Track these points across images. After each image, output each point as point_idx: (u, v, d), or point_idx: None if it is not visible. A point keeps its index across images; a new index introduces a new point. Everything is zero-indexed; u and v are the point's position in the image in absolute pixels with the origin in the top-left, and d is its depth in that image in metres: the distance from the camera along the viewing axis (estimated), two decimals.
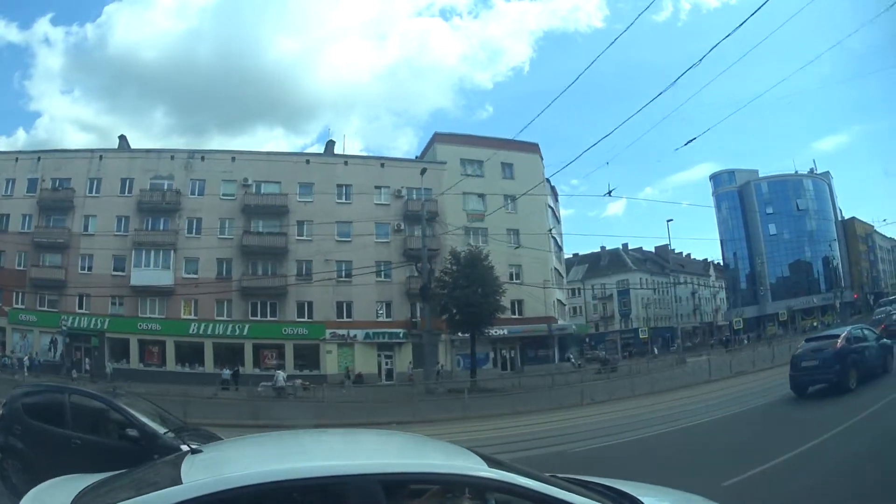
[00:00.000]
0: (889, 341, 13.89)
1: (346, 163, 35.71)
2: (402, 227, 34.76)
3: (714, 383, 19.57)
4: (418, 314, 32.97)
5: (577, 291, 60.45)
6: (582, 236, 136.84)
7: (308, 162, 35.65)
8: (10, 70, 76.28)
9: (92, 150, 36.16)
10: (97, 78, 79.14)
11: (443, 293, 28.03)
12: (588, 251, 63.36)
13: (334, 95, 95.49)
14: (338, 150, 38.44)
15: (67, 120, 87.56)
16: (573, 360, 38.97)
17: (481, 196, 37.59)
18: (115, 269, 33.92)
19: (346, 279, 33.61)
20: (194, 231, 34.13)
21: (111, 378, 28.77)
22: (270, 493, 2.09)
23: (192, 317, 33.47)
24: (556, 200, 47.28)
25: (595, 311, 60.41)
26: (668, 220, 41.58)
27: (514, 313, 37.06)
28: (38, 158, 35.88)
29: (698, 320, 63.18)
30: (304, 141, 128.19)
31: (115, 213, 34.37)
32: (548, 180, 44.31)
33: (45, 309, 33.89)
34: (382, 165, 36.35)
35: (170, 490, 2.06)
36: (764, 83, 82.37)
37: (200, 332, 33.20)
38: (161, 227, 34.23)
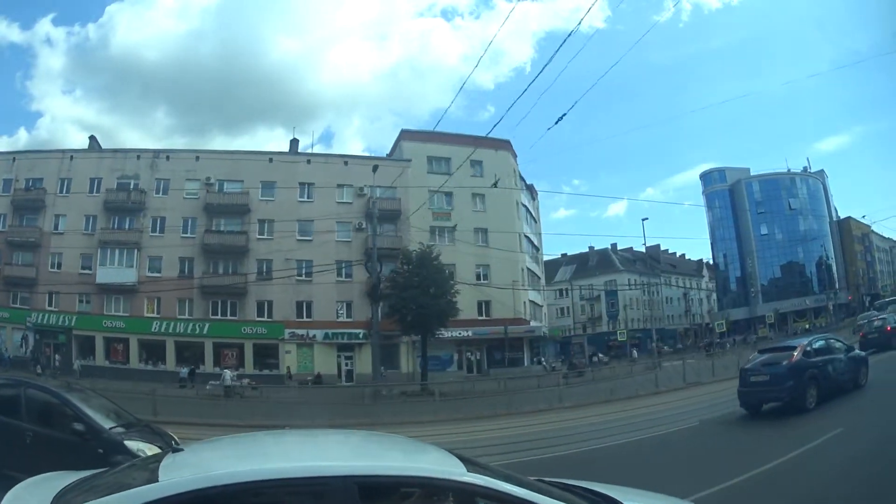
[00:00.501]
0: (863, 353, 12.75)
1: (308, 161, 35.56)
2: (364, 225, 34.39)
3: (660, 395, 18.48)
4: (379, 315, 32.59)
5: (564, 292, 59.44)
6: (583, 237, 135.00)
7: (271, 160, 35.58)
8: (11, 70, 77.03)
9: (63, 151, 36.74)
10: (99, 78, 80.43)
11: (393, 294, 27.58)
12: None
13: (336, 96, 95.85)
14: (312, 149, 38.46)
15: (69, 120, 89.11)
16: (545, 364, 38.15)
17: (448, 194, 36.99)
18: (82, 268, 34.37)
19: (307, 278, 33.42)
20: (158, 230, 34.37)
21: (79, 375, 29.24)
22: (245, 492, 2.11)
23: (155, 315, 33.69)
24: (534, 199, 46.40)
25: (583, 312, 59.24)
26: (644, 219, 40.14)
27: (480, 314, 36.47)
28: (14, 159, 36.58)
29: (690, 322, 61.45)
30: (306, 141, 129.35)
31: (83, 213, 34.81)
32: (523, 179, 43.64)
33: (17, 306, 34.53)
34: (346, 163, 36.07)
35: (145, 488, 2.09)
36: (765, 83, 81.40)
37: (162, 330, 33.39)
38: (126, 226, 34.56)
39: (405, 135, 38.03)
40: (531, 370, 34.80)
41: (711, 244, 58.92)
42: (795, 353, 10.38)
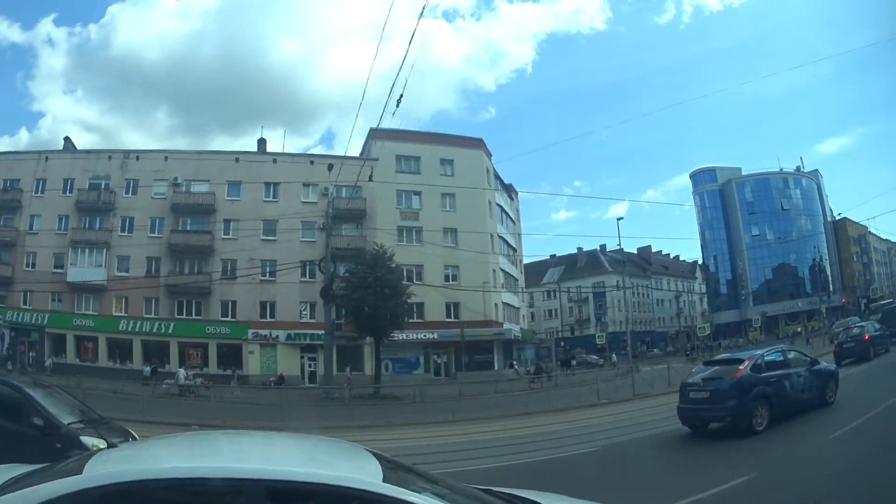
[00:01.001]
0: (831, 367, 11.33)
1: (274, 161, 35.47)
2: (328, 225, 34.17)
3: (597, 408, 17.47)
4: (343, 316, 32.30)
5: (552, 294, 58.53)
6: (586, 237, 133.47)
7: (237, 160, 35.57)
8: (13, 70, 77.36)
9: (39, 152, 37.34)
10: (100, 78, 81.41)
11: (346, 294, 27.23)
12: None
13: (337, 96, 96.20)
14: (278, 147, 38.32)
15: (70, 120, 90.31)
16: (516, 368, 37.43)
17: (417, 194, 36.63)
18: (55, 267, 34.79)
19: (271, 279, 33.31)
20: (127, 230, 34.67)
21: (51, 372, 29.75)
22: (156, 488, 2.23)
23: (123, 314, 33.97)
24: (513, 200, 45.66)
25: (571, 314, 58.21)
26: (619, 219, 39.22)
27: (448, 316, 35.98)
28: None
29: (681, 324, 59.87)
30: (307, 142, 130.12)
31: (56, 213, 35.25)
32: (499, 179, 42.94)
33: None
34: (312, 163, 35.88)
35: (67, 480, 2.24)
36: (769, 85, 79.85)
37: (129, 329, 33.65)
38: (97, 226, 34.96)
39: (374, 133, 37.52)
40: (501, 374, 34.14)
41: (702, 246, 57.46)
42: (741, 368, 9.15)
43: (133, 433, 7.03)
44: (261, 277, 33.21)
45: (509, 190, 45.05)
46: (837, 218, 54.51)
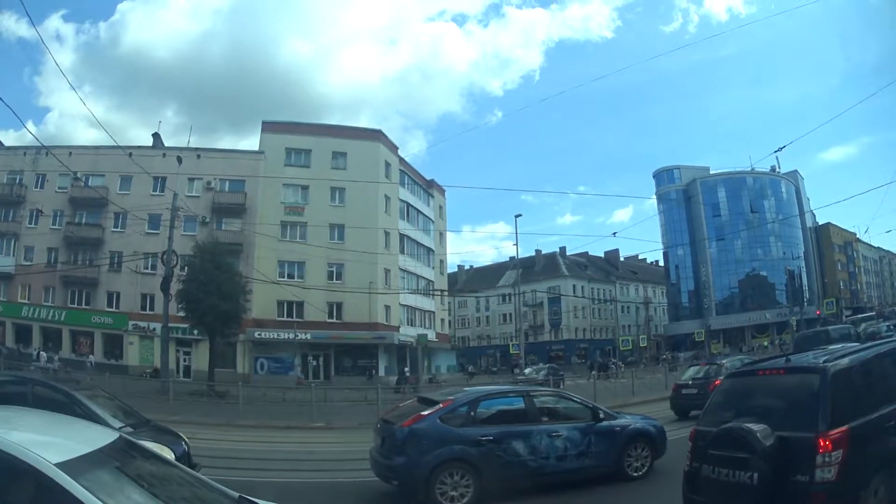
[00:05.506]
0: (640, 424, 7.52)
1: (164, 155, 35.74)
2: (208, 219, 33.98)
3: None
4: (171, 308, 31.27)
5: (507, 297, 55.36)
6: (584, 237, 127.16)
7: (130, 155, 36.11)
8: (20, 65, 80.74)
9: None
10: (108, 75, 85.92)
11: (183, 288, 26.67)
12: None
13: (344, 97, 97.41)
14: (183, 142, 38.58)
15: (77, 116, 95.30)
16: (408, 374, 35.39)
17: (305, 188, 35.53)
18: None
19: (151, 271, 33.58)
20: (34, 221, 36.38)
21: None
22: None
23: (26, 301, 35.72)
24: (432, 196, 43.29)
25: (525, 319, 54.61)
26: (517, 216, 35.05)
27: (331, 317, 34.61)
28: None
29: (650, 332, 54.23)
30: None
31: None
32: (408, 173, 40.84)
33: None
34: (199, 157, 35.81)
35: None
36: (775, 92, 73.52)
37: (31, 315, 35.28)
38: (10, 218, 37.03)
39: (266, 126, 36.98)
40: (382, 381, 32.32)
41: (664, 252, 51.60)
42: (424, 414, 6.59)
43: (183, 436, 6.48)
44: (142, 270, 33.58)
45: (430, 186, 42.81)
46: (821, 223, 47.16)
